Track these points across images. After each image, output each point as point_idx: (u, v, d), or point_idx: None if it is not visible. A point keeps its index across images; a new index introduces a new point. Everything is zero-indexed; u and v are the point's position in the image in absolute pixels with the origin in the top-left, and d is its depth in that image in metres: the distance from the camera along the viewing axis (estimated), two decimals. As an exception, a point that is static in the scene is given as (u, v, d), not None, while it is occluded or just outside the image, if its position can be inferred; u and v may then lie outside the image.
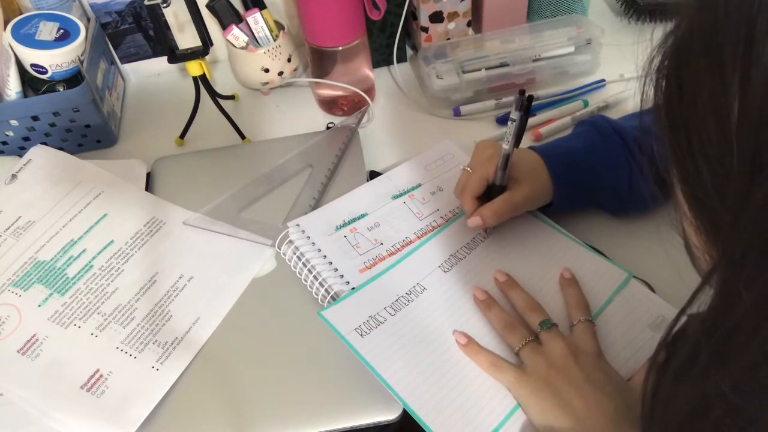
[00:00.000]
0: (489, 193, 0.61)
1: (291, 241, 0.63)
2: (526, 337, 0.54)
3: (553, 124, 0.77)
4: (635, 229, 0.65)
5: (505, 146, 0.57)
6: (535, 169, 0.61)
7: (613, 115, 0.78)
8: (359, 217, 0.66)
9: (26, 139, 0.77)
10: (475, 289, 0.59)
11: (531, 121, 0.78)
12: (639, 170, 0.61)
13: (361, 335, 0.56)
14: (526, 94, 0.55)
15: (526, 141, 0.77)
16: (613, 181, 0.62)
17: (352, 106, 0.81)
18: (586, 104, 0.79)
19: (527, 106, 0.55)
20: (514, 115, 0.55)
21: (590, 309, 0.57)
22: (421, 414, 0.51)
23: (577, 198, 0.64)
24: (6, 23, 0.75)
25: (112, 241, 0.67)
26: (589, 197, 0.64)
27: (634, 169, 0.62)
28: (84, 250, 0.66)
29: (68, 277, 0.64)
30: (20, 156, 0.76)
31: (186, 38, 0.85)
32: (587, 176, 0.62)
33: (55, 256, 0.66)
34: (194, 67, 0.73)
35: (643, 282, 0.60)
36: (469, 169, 0.63)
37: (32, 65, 0.76)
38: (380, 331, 0.56)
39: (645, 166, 0.59)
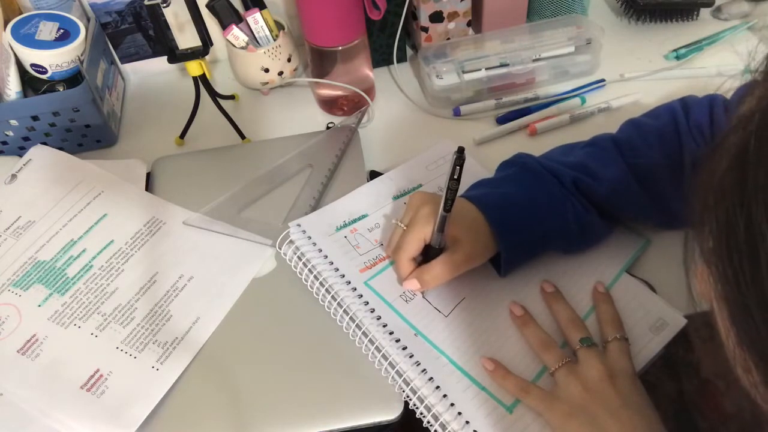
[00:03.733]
0: (425, 251, 0.58)
1: (292, 241, 0.63)
2: (563, 358, 0.53)
3: (550, 120, 0.77)
4: (635, 229, 0.65)
5: (442, 211, 0.53)
6: (473, 223, 0.57)
7: (617, 115, 0.78)
8: (360, 218, 0.66)
9: (26, 139, 0.77)
10: (512, 304, 0.58)
11: (528, 117, 0.78)
12: (580, 204, 0.59)
13: (406, 301, 0.59)
14: (458, 156, 0.50)
15: (523, 138, 0.77)
16: (558, 223, 0.58)
17: (352, 106, 0.81)
18: (583, 101, 0.80)
19: (459, 170, 0.50)
20: (451, 183, 0.51)
21: (624, 326, 0.56)
22: (469, 370, 0.54)
23: (526, 247, 0.59)
24: (6, 23, 0.75)
25: (112, 241, 0.67)
26: (540, 243, 0.59)
27: (576, 205, 0.58)
28: (84, 250, 0.66)
29: (68, 277, 0.64)
30: (20, 156, 0.76)
31: (186, 38, 0.85)
32: (531, 222, 0.58)
33: (55, 256, 0.66)
34: (194, 67, 0.73)
35: (644, 282, 0.60)
36: (402, 225, 0.59)
37: (32, 65, 0.76)
38: (423, 296, 0.59)
39: (583, 199, 0.59)
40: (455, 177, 0.50)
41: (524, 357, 0.55)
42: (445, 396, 0.52)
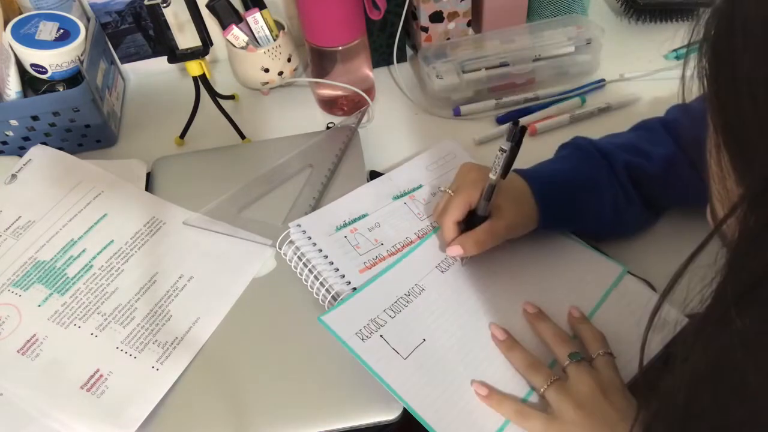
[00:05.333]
0: (470, 218, 0.59)
1: (292, 241, 0.63)
2: (551, 377, 0.52)
3: (551, 120, 0.77)
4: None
5: (492, 176, 0.54)
6: (519, 195, 0.59)
7: (617, 115, 0.78)
8: (360, 218, 0.66)
9: (26, 139, 0.77)
10: (494, 327, 0.57)
11: (528, 117, 0.78)
12: (623, 192, 0.61)
13: (363, 339, 0.55)
14: (520, 125, 0.52)
15: (524, 138, 0.77)
16: (596, 204, 0.60)
17: (352, 106, 0.81)
18: (583, 101, 0.80)
19: (519, 138, 0.52)
20: (505, 145, 0.53)
21: (607, 341, 0.55)
22: (426, 416, 0.51)
23: (562, 220, 0.61)
24: (6, 23, 0.75)
25: (112, 241, 0.67)
26: (573, 220, 0.62)
27: (618, 192, 0.60)
28: (84, 250, 0.66)
29: (68, 277, 0.64)
30: (20, 156, 0.76)
31: (186, 38, 0.85)
32: (572, 198, 0.60)
33: (55, 256, 0.66)
34: (194, 67, 0.73)
35: (644, 281, 0.60)
36: (450, 191, 0.60)
37: (32, 65, 0.76)
38: (381, 334, 0.56)
39: (630, 188, 0.60)
40: (515, 143, 0.52)
41: (512, 377, 0.54)
42: None
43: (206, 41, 0.71)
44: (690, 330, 0.32)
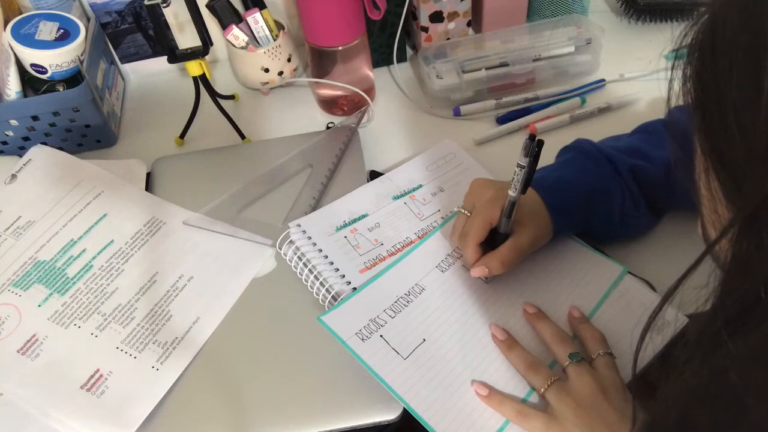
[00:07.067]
0: (490, 237, 0.58)
1: (292, 242, 0.63)
2: (551, 377, 0.52)
3: (550, 120, 0.77)
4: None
5: (512, 193, 0.54)
6: (534, 206, 0.58)
7: (617, 115, 0.78)
8: (360, 218, 0.66)
9: (26, 139, 0.77)
10: (494, 327, 0.57)
11: (528, 117, 0.78)
12: (630, 196, 0.61)
13: (363, 340, 0.55)
14: (537, 139, 0.51)
15: (523, 139, 0.77)
16: (605, 208, 0.61)
17: (352, 106, 0.81)
18: (583, 101, 0.80)
19: (537, 152, 0.51)
20: (522, 161, 0.51)
21: (607, 341, 0.55)
22: (426, 416, 0.51)
23: (573, 227, 0.62)
24: (6, 23, 0.75)
25: (112, 241, 0.67)
26: (583, 225, 0.62)
27: (625, 196, 0.61)
28: (84, 250, 0.66)
29: (68, 277, 0.64)
30: (20, 156, 0.76)
31: (186, 38, 0.85)
32: (582, 205, 0.60)
33: (55, 256, 0.66)
34: (194, 67, 0.73)
35: (644, 281, 0.60)
36: (465, 211, 0.60)
37: (32, 65, 0.76)
38: (381, 335, 0.56)
39: (637, 192, 0.60)
40: (532, 158, 0.51)
41: (512, 377, 0.54)
42: None
43: (206, 41, 0.71)
44: (687, 344, 0.32)
